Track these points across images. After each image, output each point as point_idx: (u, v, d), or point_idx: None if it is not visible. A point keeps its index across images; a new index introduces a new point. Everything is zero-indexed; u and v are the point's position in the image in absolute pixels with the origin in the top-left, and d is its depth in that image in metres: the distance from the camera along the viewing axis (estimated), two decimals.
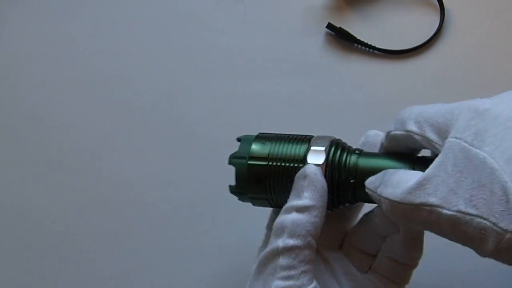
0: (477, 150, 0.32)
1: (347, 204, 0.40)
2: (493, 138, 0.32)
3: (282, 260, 0.36)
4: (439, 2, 0.58)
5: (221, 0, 0.60)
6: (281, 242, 0.36)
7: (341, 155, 0.39)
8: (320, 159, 0.38)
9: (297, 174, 0.38)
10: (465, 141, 0.33)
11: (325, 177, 0.38)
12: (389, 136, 0.38)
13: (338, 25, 0.58)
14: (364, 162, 0.38)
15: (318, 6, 0.60)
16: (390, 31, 0.58)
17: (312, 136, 0.40)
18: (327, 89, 0.57)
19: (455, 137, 0.33)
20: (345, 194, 0.39)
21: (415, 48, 0.57)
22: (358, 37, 0.57)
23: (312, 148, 0.39)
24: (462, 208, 0.31)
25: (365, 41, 0.57)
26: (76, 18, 0.61)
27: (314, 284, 0.36)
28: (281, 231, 0.36)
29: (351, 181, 0.38)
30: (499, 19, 0.58)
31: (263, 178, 0.39)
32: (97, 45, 0.60)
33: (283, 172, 0.39)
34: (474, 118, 0.34)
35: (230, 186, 0.40)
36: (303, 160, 0.38)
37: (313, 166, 0.38)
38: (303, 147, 0.39)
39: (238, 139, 0.41)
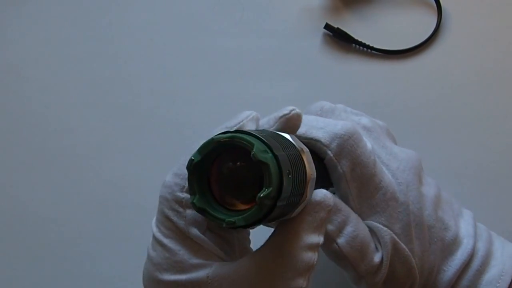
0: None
1: None
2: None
3: None
4: (436, 2, 0.58)
5: (219, 2, 0.60)
6: (305, 283, 0.33)
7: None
8: (313, 167, 0.34)
9: (317, 202, 0.34)
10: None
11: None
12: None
13: (336, 26, 0.58)
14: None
15: (316, 7, 0.60)
16: (387, 31, 0.59)
17: (294, 145, 0.34)
18: (325, 89, 0.57)
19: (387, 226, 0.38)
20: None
21: (413, 48, 0.58)
22: (356, 38, 0.58)
23: (305, 148, 0.34)
24: None
25: (363, 41, 0.57)
26: (75, 21, 0.61)
27: None
28: (306, 271, 0.33)
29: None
30: (496, 18, 0.59)
31: (289, 168, 0.31)
32: (97, 48, 0.60)
33: (298, 166, 0.32)
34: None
35: (262, 195, 0.30)
36: (305, 177, 0.33)
37: (331, 194, 0.35)
38: (302, 163, 0.33)
39: (220, 139, 0.32)
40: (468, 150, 0.54)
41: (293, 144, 0.33)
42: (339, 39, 0.58)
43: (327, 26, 0.58)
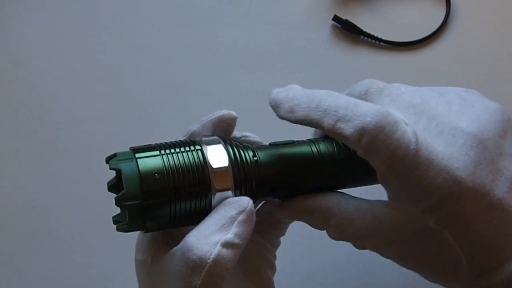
0: None
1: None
2: None
3: None
4: None
5: None
6: (199, 281, 0.32)
7: (245, 157, 0.36)
8: (227, 179, 0.34)
9: (229, 201, 0.34)
10: None
11: (233, 175, 0.34)
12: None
13: (344, 17, 0.58)
14: (264, 156, 0.36)
15: None
16: (396, 23, 0.58)
17: (196, 147, 0.35)
18: (334, 81, 0.57)
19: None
20: (258, 188, 0.36)
21: (421, 40, 0.58)
22: (364, 29, 0.58)
23: (212, 168, 0.34)
24: None
25: (371, 33, 0.57)
26: (82, 13, 0.61)
27: None
28: (199, 266, 0.32)
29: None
30: (504, 10, 0.58)
31: (160, 171, 0.33)
32: (103, 40, 0.60)
33: (190, 203, 0.33)
34: None
35: (117, 227, 0.34)
36: (207, 183, 0.33)
37: (251, 201, 0.34)
38: (199, 166, 0.34)
39: (113, 168, 0.34)
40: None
41: (189, 142, 0.35)
42: (348, 30, 0.58)
43: (336, 18, 0.58)
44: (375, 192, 0.38)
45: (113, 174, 0.35)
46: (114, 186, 0.35)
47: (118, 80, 0.58)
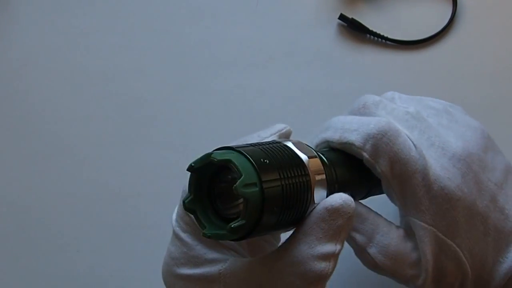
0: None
1: None
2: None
3: None
4: None
5: None
6: None
7: (322, 157, 0.36)
8: (321, 170, 0.34)
9: (334, 208, 0.33)
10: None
11: (327, 184, 0.34)
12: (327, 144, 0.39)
13: (350, 16, 0.58)
14: (333, 156, 0.37)
15: None
16: (402, 21, 0.58)
17: (281, 142, 0.34)
18: (340, 80, 0.57)
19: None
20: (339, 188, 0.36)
21: (428, 39, 0.58)
22: (370, 28, 0.58)
23: (306, 156, 0.33)
24: None
25: (378, 32, 0.57)
26: (87, 12, 0.61)
27: None
28: (317, 281, 0.32)
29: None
30: (511, 9, 0.58)
31: (279, 204, 0.31)
32: (108, 39, 0.60)
33: (297, 192, 0.32)
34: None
35: (230, 227, 0.30)
36: (307, 172, 0.33)
37: (351, 199, 0.33)
38: (294, 155, 0.33)
39: (216, 159, 0.31)
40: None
41: (295, 155, 0.33)
42: (354, 29, 0.58)
43: (342, 17, 0.58)
44: None
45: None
46: (193, 200, 0.33)
47: (124, 80, 0.58)
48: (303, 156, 0.33)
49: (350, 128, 0.37)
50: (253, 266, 0.34)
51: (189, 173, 0.32)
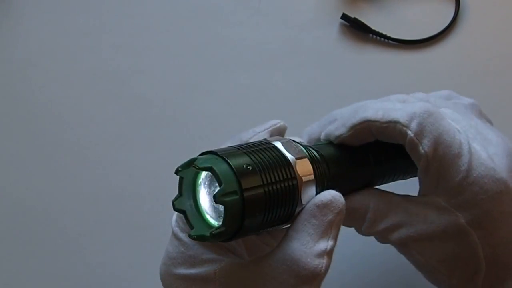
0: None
1: None
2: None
3: None
4: None
5: None
6: None
7: (313, 154, 0.36)
8: (309, 170, 0.33)
9: (324, 203, 0.33)
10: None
11: (316, 183, 0.34)
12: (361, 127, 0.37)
13: (352, 16, 0.58)
14: (324, 152, 0.36)
15: None
16: (404, 21, 0.58)
17: (270, 143, 0.34)
18: (342, 79, 0.57)
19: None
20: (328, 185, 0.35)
21: (430, 38, 0.57)
22: (372, 27, 0.58)
23: (293, 157, 0.33)
24: None
25: (380, 31, 0.57)
26: (90, 13, 0.61)
27: None
28: (312, 278, 0.32)
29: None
30: None
31: (261, 210, 0.31)
32: (111, 40, 0.60)
33: (282, 196, 0.32)
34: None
35: (211, 233, 0.31)
36: (293, 175, 0.33)
37: (340, 195, 0.34)
38: (281, 157, 0.33)
39: (197, 166, 0.32)
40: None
41: (282, 156, 0.33)
42: (356, 29, 0.58)
43: (344, 16, 0.58)
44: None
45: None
46: (182, 200, 0.33)
47: (127, 80, 0.58)
48: (291, 158, 0.33)
49: (394, 108, 0.36)
50: (247, 266, 0.34)
51: (174, 173, 0.33)
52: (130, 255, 0.52)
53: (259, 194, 0.31)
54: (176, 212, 0.37)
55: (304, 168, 0.33)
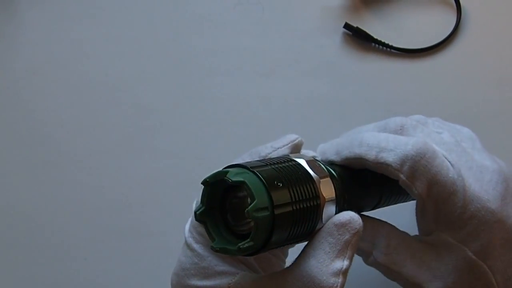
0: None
1: None
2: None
3: None
4: (455, 1, 0.58)
5: (239, 1, 0.61)
6: None
7: (333, 173, 0.36)
8: (331, 190, 0.34)
9: (342, 223, 0.33)
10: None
11: (336, 203, 0.35)
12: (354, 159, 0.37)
13: (355, 25, 0.58)
14: (342, 171, 0.37)
15: (335, 6, 0.60)
16: (407, 30, 0.59)
17: (294, 160, 0.35)
18: (345, 88, 0.57)
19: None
20: (346, 203, 0.36)
21: (432, 47, 0.58)
22: (375, 37, 0.58)
23: (318, 176, 0.34)
24: None
25: (382, 41, 0.58)
26: (93, 21, 0.61)
27: None
28: None
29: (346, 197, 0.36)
30: None
31: (288, 226, 0.32)
32: (115, 48, 0.60)
33: (306, 214, 0.33)
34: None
35: (238, 247, 0.31)
36: (317, 194, 0.33)
37: (358, 217, 0.34)
38: (307, 175, 0.34)
39: (230, 179, 0.31)
40: (486, 148, 0.54)
41: (308, 175, 0.34)
42: (359, 38, 0.58)
43: (347, 26, 0.58)
44: None
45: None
46: (205, 212, 0.33)
47: (129, 88, 0.58)
48: (315, 177, 0.34)
49: (386, 147, 0.36)
50: (262, 281, 0.34)
51: (201, 183, 0.33)
52: (134, 262, 0.52)
53: (288, 211, 0.31)
54: (189, 222, 0.37)
55: (326, 188, 0.34)
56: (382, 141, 0.36)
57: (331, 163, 0.38)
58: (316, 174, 0.34)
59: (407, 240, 0.37)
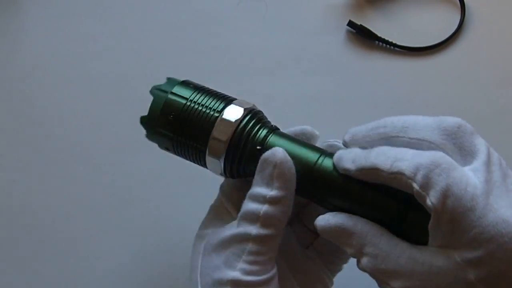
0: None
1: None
2: None
3: (252, 246, 0.36)
4: (459, 0, 0.59)
5: None
6: (255, 230, 0.36)
7: (256, 122, 0.39)
8: (236, 116, 0.38)
9: (264, 158, 0.37)
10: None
11: (233, 136, 0.38)
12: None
13: (359, 23, 0.58)
14: (275, 139, 0.39)
15: (339, 4, 0.60)
16: (411, 28, 0.59)
17: (236, 98, 0.41)
18: (348, 86, 0.57)
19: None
20: (248, 162, 0.39)
21: (436, 45, 0.58)
22: (379, 35, 0.58)
23: (233, 104, 0.39)
24: None
25: (386, 39, 0.58)
26: (95, 18, 0.62)
27: (275, 268, 0.37)
28: (255, 220, 0.36)
29: (258, 148, 0.38)
30: None
31: (176, 115, 0.40)
32: (118, 45, 0.60)
33: (197, 115, 0.39)
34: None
35: (141, 116, 0.42)
36: (220, 111, 0.39)
37: (283, 151, 0.37)
38: (224, 102, 0.39)
39: (168, 78, 0.42)
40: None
41: (228, 99, 0.40)
42: (362, 36, 0.58)
43: (350, 23, 0.58)
44: None
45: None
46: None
47: (133, 85, 0.58)
48: (237, 105, 0.39)
49: (403, 157, 0.35)
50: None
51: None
52: (137, 258, 0.52)
53: (179, 103, 0.40)
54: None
55: (223, 128, 0.38)
56: (398, 152, 0.35)
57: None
58: (240, 106, 0.39)
59: (398, 248, 0.35)
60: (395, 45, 0.58)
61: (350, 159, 0.37)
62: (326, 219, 0.36)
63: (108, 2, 0.62)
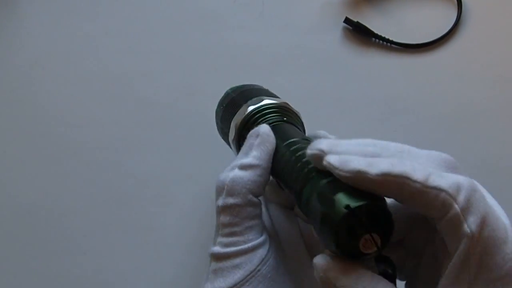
0: None
1: None
2: None
3: (223, 218, 0.36)
4: None
5: None
6: (221, 200, 0.36)
7: (271, 113, 0.42)
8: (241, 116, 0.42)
9: (250, 133, 0.38)
10: None
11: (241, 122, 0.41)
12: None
13: (355, 20, 0.58)
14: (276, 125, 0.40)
15: (335, 1, 0.60)
16: (407, 25, 0.59)
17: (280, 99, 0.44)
18: (345, 83, 0.57)
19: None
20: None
21: (433, 42, 0.58)
22: (375, 31, 0.58)
23: (263, 99, 0.42)
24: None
25: (383, 35, 0.58)
26: (95, 16, 0.62)
27: (263, 237, 0.36)
28: (222, 189, 0.36)
29: None
30: None
31: (225, 105, 0.46)
32: (116, 43, 0.60)
33: (231, 103, 0.45)
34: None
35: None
36: (245, 101, 0.43)
37: (267, 126, 0.38)
38: (257, 97, 0.43)
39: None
40: (487, 145, 0.54)
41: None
42: (359, 33, 0.58)
43: (347, 20, 0.58)
44: None
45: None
46: None
47: (131, 83, 0.58)
48: (267, 98, 0.43)
49: (436, 172, 0.30)
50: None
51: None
52: (135, 257, 0.52)
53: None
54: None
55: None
56: (432, 163, 0.32)
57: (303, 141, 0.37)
58: (270, 99, 0.43)
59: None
60: (392, 42, 0.58)
61: (365, 162, 0.30)
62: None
63: (106, 1, 0.62)
